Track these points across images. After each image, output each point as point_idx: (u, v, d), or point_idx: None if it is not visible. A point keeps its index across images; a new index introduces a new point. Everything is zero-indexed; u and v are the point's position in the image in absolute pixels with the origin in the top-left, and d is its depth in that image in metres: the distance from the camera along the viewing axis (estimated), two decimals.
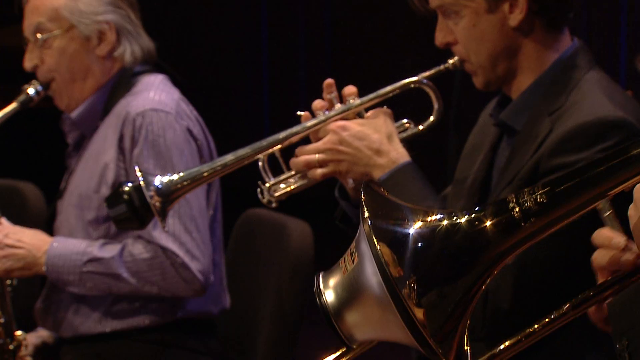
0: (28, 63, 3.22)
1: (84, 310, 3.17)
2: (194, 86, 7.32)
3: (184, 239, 3.07)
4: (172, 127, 3.13)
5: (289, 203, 3.53)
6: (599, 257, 1.63)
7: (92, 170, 3.10)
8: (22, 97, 3.18)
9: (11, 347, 3.22)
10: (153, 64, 3.31)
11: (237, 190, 4.02)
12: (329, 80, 2.59)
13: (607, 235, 1.62)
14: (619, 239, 1.61)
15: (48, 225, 3.26)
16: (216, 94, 8.70)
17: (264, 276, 3.32)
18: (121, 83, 3.24)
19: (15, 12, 3.34)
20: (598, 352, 2.28)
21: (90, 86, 3.25)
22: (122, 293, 3.12)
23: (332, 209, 2.68)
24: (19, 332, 3.22)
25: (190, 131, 3.18)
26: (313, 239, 3.25)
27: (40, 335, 3.29)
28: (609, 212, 1.62)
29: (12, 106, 3.18)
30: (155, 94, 3.20)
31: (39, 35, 3.18)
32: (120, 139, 3.12)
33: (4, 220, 3.21)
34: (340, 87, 2.57)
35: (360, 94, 2.57)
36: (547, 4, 2.43)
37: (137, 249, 3.08)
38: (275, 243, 3.31)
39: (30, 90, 3.19)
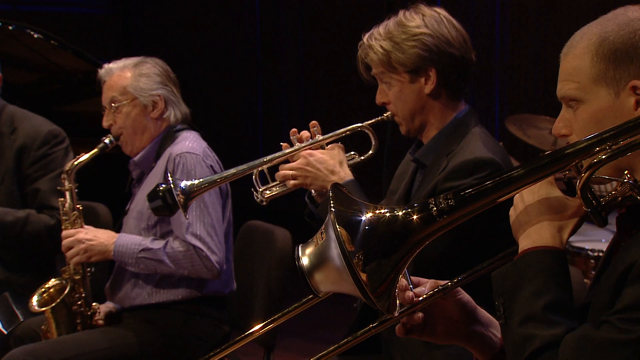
0: (105, 123, 3.43)
1: (137, 289, 3.34)
2: (209, 122, 7.29)
3: (207, 240, 3.21)
4: (200, 164, 3.25)
5: (275, 216, 3.67)
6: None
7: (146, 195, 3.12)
8: (100, 145, 3.38)
9: (89, 313, 3.40)
10: (189, 123, 3.48)
11: (239, 209, 3.95)
12: (293, 130, 2.70)
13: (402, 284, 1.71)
14: (402, 282, 1.71)
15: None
16: (224, 128, 8.90)
17: (258, 267, 3.42)
18: (168, 137, 3.41)
19: (97, 89, 3.46)
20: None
21: (147, 138, 3.41)
22: (164, 273, 3.26)
23: (305, 221, 2.77)
24: (94, 303, 3.42)
25: (212, 167, 3.31)
26: (292, 241, 3.31)
27: (108, 305, 3.49)
28: None
29: (94, 151, 3.36)
30: (190, 142, 3.33)
31: (112, 104, 3.38)
32: (165, 172, 3.23)
33: (88, 227, 3.38)
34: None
35: (324, 131, 2.70)
36: (450, 81, 2.61)
37: (176, 244, 3.22)
38: (266, 244, 3.40)
39: (106, 141, 3.38)
